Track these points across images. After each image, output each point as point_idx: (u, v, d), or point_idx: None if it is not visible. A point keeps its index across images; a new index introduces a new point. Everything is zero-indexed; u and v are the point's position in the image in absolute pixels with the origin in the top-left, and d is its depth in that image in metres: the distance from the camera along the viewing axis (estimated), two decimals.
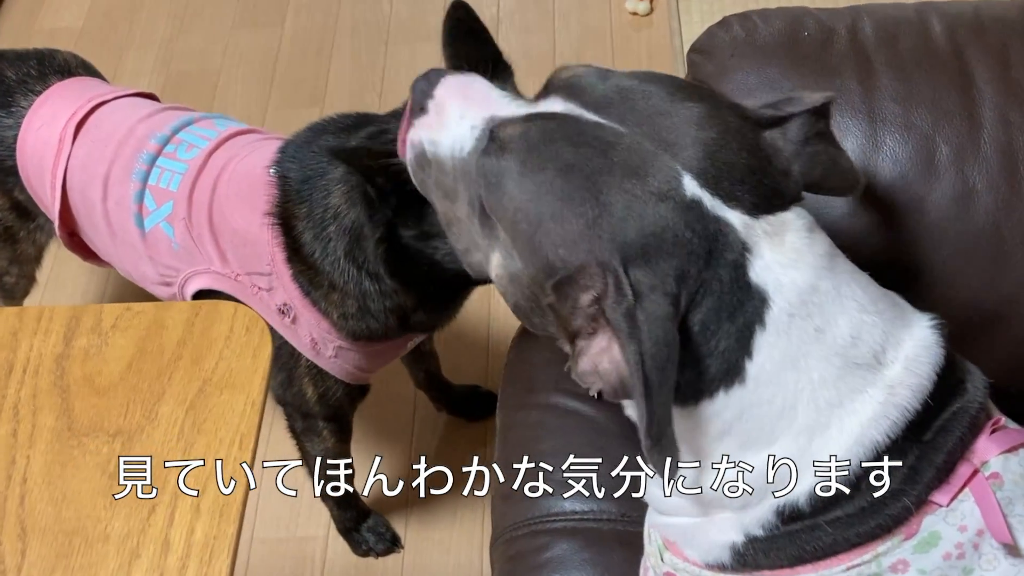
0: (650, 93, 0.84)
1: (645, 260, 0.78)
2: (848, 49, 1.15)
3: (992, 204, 1.09)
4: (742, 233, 0.80)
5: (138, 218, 1.43)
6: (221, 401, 0.96)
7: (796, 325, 0.80)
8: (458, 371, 1.92)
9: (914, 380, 0.81)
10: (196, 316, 1.02)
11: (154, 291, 1.50)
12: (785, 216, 0.82)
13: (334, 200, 1.29)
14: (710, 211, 0.79)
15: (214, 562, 0.86)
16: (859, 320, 0.82)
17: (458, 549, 1.75)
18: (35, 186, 1.54)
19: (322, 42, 2.60)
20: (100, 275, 2.16)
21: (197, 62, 2.58)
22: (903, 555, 0.80)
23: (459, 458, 1.84)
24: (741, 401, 0.80)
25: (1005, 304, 1.11)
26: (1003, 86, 1.11)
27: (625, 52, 2.49)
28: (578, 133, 0.82)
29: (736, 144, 0.82)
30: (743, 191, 0.81)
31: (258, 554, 1.77)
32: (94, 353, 1.00)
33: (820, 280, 0.81)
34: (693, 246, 0.78)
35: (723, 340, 0.79)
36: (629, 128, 0.82)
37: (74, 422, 0.96)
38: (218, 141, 1.44)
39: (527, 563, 1.15)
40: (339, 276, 1.31)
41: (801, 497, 0.81)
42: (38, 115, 1.52)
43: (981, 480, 0.81)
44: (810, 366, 0.80)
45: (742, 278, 0.79)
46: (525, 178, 0.82)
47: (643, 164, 0.80)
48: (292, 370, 1.45)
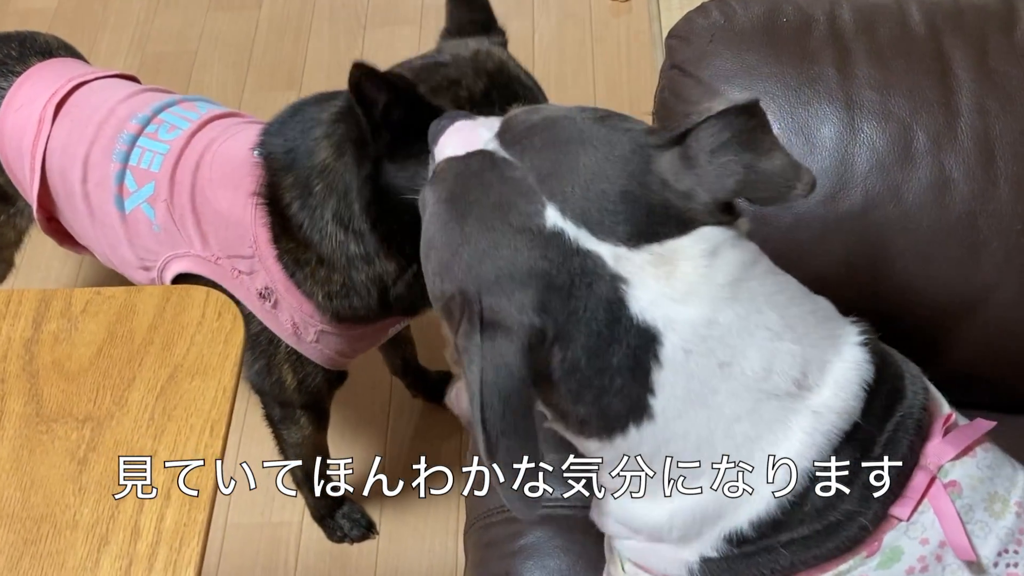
0: (553, 126, 0.84)
1: (499, 290, 0.78)
2: (826, 36, 1.15)
3: (968, 193, 1.09)
4: (611, 265, 0.77)
5: (118, 199, 1.41)
6: (192, 387, 0.95)
7: (695, 362, 0.77)
8: (435, 358, 1.91)
9: (840, 403, 0.79)
10: (167, 301, 1.01)
11: (132, 276, 1.48)
12: (678, 243, 0.78)
13: (320, 156, 1.27)
14: (572, 242, 0.78)
15: (184, 549, 0.85)
16: (771, 349, 0.78)
17: (432, 536, 1.75)
18: (14, 168, 1.52)
19: (299, 25, 2.58)
20: (73, 260, 2.14)
21: (173, 44, 2.55)
22: (866, 572, 0.79)
23: (435, 444, 1.86)
24: (655, 436, 0.79)
25: (979, 292, 1.11)
26: (980, 75, 1.11)
27: (604, 38, 2.48)
28: (477, 169, 0.84)
29: (615, 171, 0.80)
30: (617, 221, 0.78)
31: (232, 539, 1.76)
32: (64, 338, 0.99)
33: (718, 313, 0.77)
34: (551, 278, 0.77)
35: (616, 376, 0.78)
36: (524, 161, 0.82)
37: (43, 407, 0.95)
38: (200, 123, 1.43)
39: (501, 550, 1.15)
40: (326, 244, 1.29)
41: (744, 524, 0.80)
42: (18, 96, 1.51)
43: (939, 490, 0.80)
44: (719, 402, 0.78)
45: (620, 312, 0.77)
46: (433, 206, 0.85)
47: (512, 197, 0.80)
48: (271, 357, 1.43)
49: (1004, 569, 0.79)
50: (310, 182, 1.28)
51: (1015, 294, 1.10)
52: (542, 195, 0.80)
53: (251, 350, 1.43)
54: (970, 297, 1.11)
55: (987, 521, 0.80)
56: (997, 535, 0.80)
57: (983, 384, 0.97)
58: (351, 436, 1.86)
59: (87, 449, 0.92)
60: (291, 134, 1.31)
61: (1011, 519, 0.81)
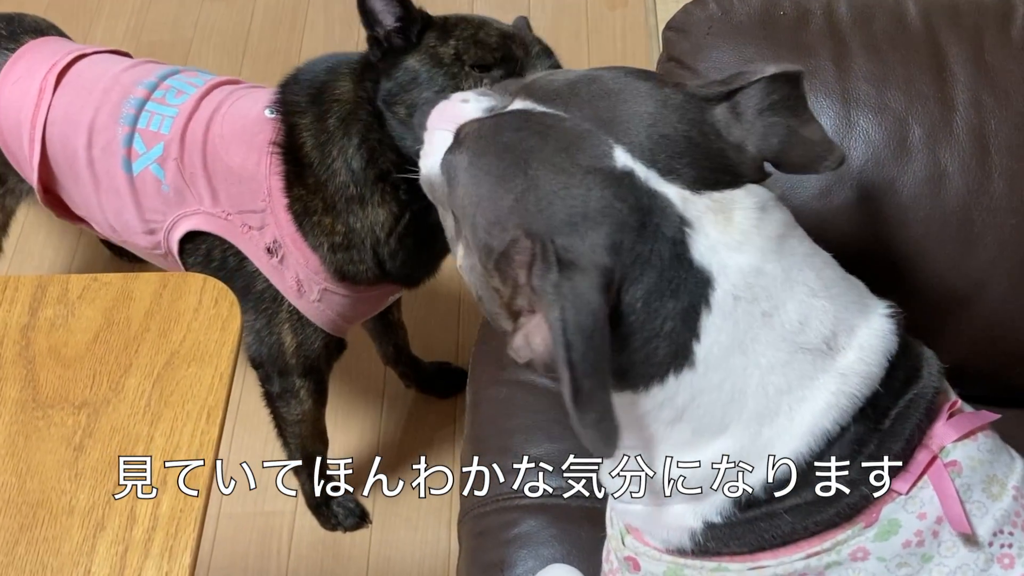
0: (595, 80, 0.85)
1: (572, 230, 0.77)
2: (823, 29, 1.15)
3: (963, 187, 1.10)
4: (679, 207, 0.79)
5: (126, 161, 1.43)
6: (189, 374, 0.95)
7: (742, 308, 0.78)
8: (428, 348, 1.91)
9: (864, 368, 0.81)
10: (164, 288, 1.01)
11: (135, 241, 1.50)
12: (733, 194, 0.81)
13: (339, 90, 1.34)
14: (643, 183, 0.79)
15: (180, 535, 0.85)
16: (808, 304, 0.80)
17: (426, 525, 1.75)
18: (9, 141, 1.52)
19: (294, 15, 2.58)
20: (67, 249, 2.13)
21: (168, 33, 2.55)
22: (863, 543, 0.80)
23: (430, 434, 1.87)
24: (692, 386, 0.79)
25: (973, 287, 1.12)
26: (977, 69, 1.11)
27: (599, 31, 2.48)
28: (524, 121, 0.83)
29: (675, 117, 0.82)
30: (682, 164, 0.80)
31: (224, 528, 1.76)
32: (60, 324, 0.99)
33: (767, 263, 0.80)
34: (623, 216, 0.77)
35: (668, 320, 0.78)
36: (571, 113, 0.83)
37: (39, 393, 0.95)
38: (208, 87, 1.46)
39: (495, 539, 1.15)
40: (330, 184, 1.34)
41: (756, 485, 0.81)
42: (14, 69, 1.51)
43: (939, 468, 0.81)
44: (758, 351, 0.79)
45: (683, 255, 0.78)
46: (471, 166, 0.84)
47: (576, 140, 0.80)
48: (272, 317, 1.45)
49: (999, 549, 0.80)
50: (326, 116, 1.34)
51: (1008, 288, 1.11)
52: (608, 138, 0.80)
53: (253, 309, 1.45)
54: (964, 290, 1.12)
55: (984, 502, 0.81)
56: (993, 516, 0.81)
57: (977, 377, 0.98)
58: (344, 426, 1.86)
59: (83, 435, 0.92)
60: (305, 79, 1.38)
61: (1008, 501, 0.82)
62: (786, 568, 0.81)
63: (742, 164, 0.83)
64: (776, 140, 0.85)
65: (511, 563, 1.13)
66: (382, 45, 1.30)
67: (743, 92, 0.85)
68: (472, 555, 1.18)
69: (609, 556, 0.95)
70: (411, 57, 1.29)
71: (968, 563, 0.80)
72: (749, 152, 0.84)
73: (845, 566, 0.80)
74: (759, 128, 0.85)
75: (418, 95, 1.27)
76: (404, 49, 1.29)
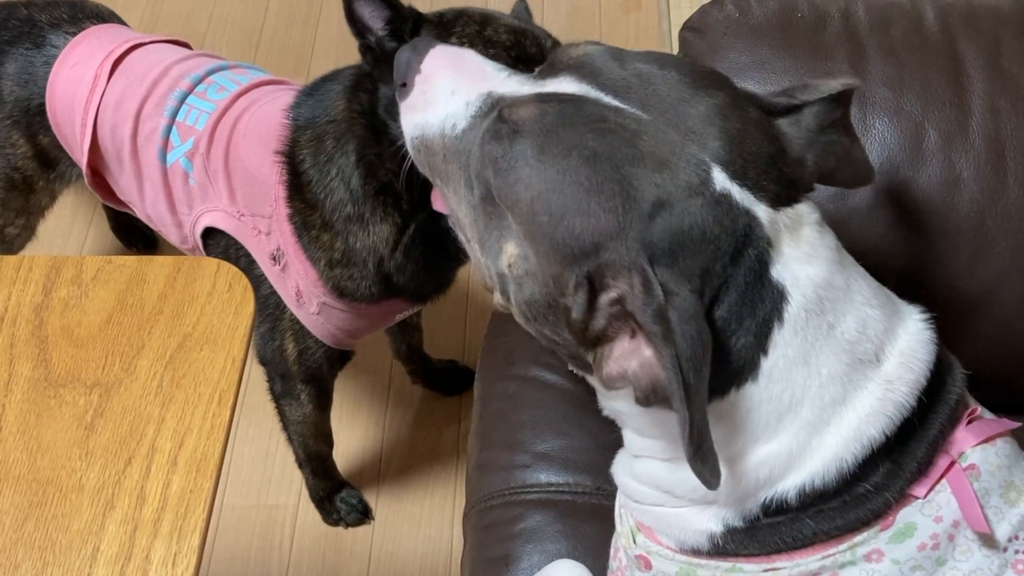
0: (669, 79, 0.81)
1: (672, 258, 0.75)
2: (841, 32, 1.15)
3: (977, 192, 1.10)
4: (767, 228, 0.78)
5: (161, 152, 1.45)
6: (201, 357, 0.95)
7: (812, 321, 0.78)
8: (435, 345, 1.91)
9: (910, 376, 0.80)
10: (178, 271, 1.01)
11: (168, 233, 1.51)
12: (801, 208, 0.81)
13: (335, 110, 1.32)
14: (740, 204, 0.77)
15: (189, 516, 0.86)
16: (865, 315, 0.80)
17: (428, 522, 1.75)
18: (62, 124, 1.53)
19: (308, 11, 2.58)
20: (78, 234, 2.14)
21: (182, 26, 2.55)
22: (878, 545, 0.80)
23: (433, 432, 1.87)
24: (751, 399, 0.79)
25: (985, 292, 1.12)
26: (993, 75, 1.11)
27: (613, 34, 2.48)
28: (600, 119, 0.78)
29: (758, 133, 0.80)
30: (767, 182, 0.79)
31: (227, 520, 1.76)
32: (74, 304, 0.99)
33: (834, 275, 0.80)
34: (720, 243, 0.76)
35: (742, 337, 0.77)
36: (651, 115, 0.79)
37: (51, 372, 0.95)
38: (248, 86, 1.46)
39: (500, 533, 1.15)
40: (328, 203, 1.32)
41: (791, 491, 0.80)
42: (73, 54, 1.52)
43: (958, 471, 0.81)
44: (820, 362, 0.79)
45: (764, 273, 0.77)
46: (545, 165, 0.77)
47: (671, 157, 0.76)
48: (276, 322, 1.45)
49: (1013, 555, 0.80)
50: (323, 137, 1.32)
51: (1022, 294, 1.11)
52: (702, 155, 0.77)
53: (259, 312, 1.46)
54: (976, 296, 1.12)
55: (1001, 507, 0.81)
56: (1010, 521, 0.81)
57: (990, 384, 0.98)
58: (348, 422, 1.86)
59: (94, 415, 0.92)
60: (319, 95, 1.35)
61: None
62: (800, 570, 0.81)
63: (802, 179, 0.83)
64: (833, 159, 0.86)
65: (516, 558, 1.13)
66: (375, 52, 1.24)
67: (808, 108, 0.84)
68: (477, 549, 1.18)
69: (618, 553, 0.95)
70: None
71: (982, 567, 0.80)
72: (808, 167, 0.84)
73: (859, 566, 0.80)
74: (820, 145, 0.84)
75: None
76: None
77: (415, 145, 0.90)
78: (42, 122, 1.55)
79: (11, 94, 1.55)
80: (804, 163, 0.83)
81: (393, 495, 1.80)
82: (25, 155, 1.59)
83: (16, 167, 1.60)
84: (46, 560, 0.84)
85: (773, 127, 0.83)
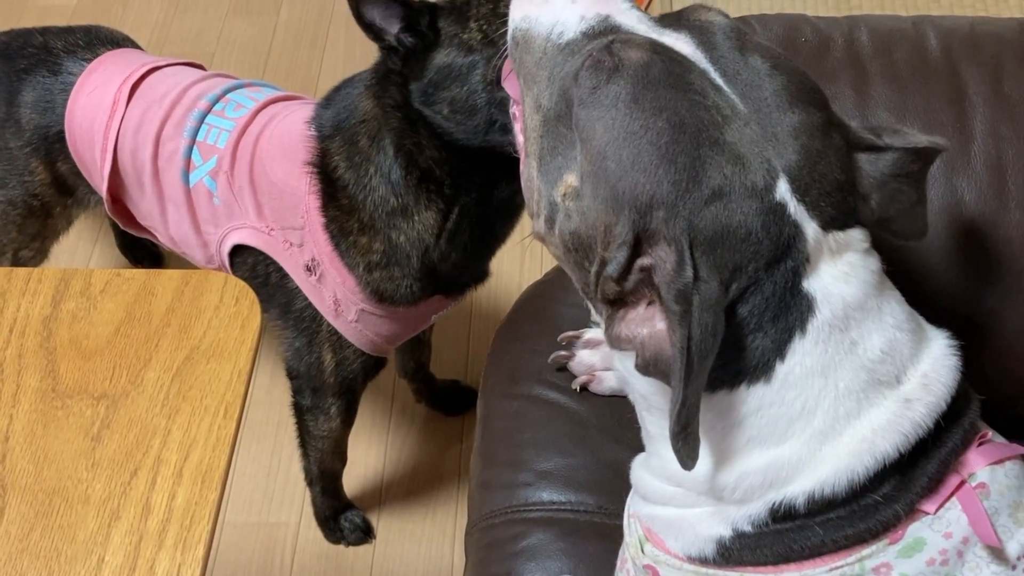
0: (777, 82, 0.82)
1: (711, 246, 0.76)
2: (844, 57, 1.16)
3: (979, 216, 1.10)
4: (811, 244, 0.79)
5: (184, 173, 1.45)
6: (208, 370, 0.96)
7: (835, 337, 0.79)
8: (439, 363, 1.92)
9: (930, 398, 0.81)
10: (186, 285, 1.02)
11: (193, 254, 1.52)
12: (853, 234, 0.82)
13: (363, 110, 1.33)
14: (791, 217, 0.79)
15: (194, 528, 0.86)
16: (893, 337, 0.81)
17: (430, 541, 1.76)
18: (81, 150, 1.54)
19: (316, 33, 2.60)
20: (84, 249, 2.15)
21: (190, 46, 2.57)
22: (887, 559, 0.80)
23: (435, 452, 1.87)
24: (761, 399, 0.80)
25: (987, 317, 1.12)
26: (995, 100, 1.12)
27: None
28: (700, 92, 0.79)
29: (836, 160, 0.82)
30: (826, 204, 0.80)
31: (228, 537, 1.76)
32: (82, 316, 1.00)
33: (868, 297, 0.81)
34: (761, 247, 0.77)
35: (760, 339, 0.79)
36: (748, 107, 0.80)
37: (59, 383, 0.96)
38: (265, 102, 1.48)
39: (502, 551, 1.15)
40: (369, 202, 1.33)
41: (799, 496, 0.81)
42: (91, 79, 1.53)
43: (968, 489, 0.81)
44: (839, 376, 0.80)
45: (796, 285, 0.79)
46: (633, 115, 0.78)
47: (748, 153, 0.78)
48: (313, 335, 1.46)
49: (1022, 573, 0.80)
50: (356, 138, 1.33)
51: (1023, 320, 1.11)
52: (775, 163, 0.79)
53: (294, 327, 1.46)
54: (977, 321, 1.12)
55: (1010, 527, 0.81)
56: (1019, 540, 0.81)
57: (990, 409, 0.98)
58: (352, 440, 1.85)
59: (101, 426, 0.93)
60: (338, 101, 1.38)
61: None
62: None
63: (862, 213, 0.84)
64: (895, 208, 0.87)
65: (518, 575, 1.13)
66: (398, 51, 1.26)
67: (889, 152, 0.85)
68: (479, 567, 1.18)
69: (625, 564, 0.95)
70: (438, 54, 1.25)
71: None
72: (870, 205, 0.85)
73: None
74: (889, 190, 0.86)
75: (458, 89, 1.24)
76: (424, 47, 1.25)
77: (515, 36, 0.89)
78: (61, 149, 1.56)
79: (30, 122, 1.56)
80: (868, 200, 0.85)
81: (395, 514, 1.80)
82: (44, 182, 1.60)
83: (34, 194, 1.61)
84: (51, 570, 0.85)
85: (851, 159, 0.84)
